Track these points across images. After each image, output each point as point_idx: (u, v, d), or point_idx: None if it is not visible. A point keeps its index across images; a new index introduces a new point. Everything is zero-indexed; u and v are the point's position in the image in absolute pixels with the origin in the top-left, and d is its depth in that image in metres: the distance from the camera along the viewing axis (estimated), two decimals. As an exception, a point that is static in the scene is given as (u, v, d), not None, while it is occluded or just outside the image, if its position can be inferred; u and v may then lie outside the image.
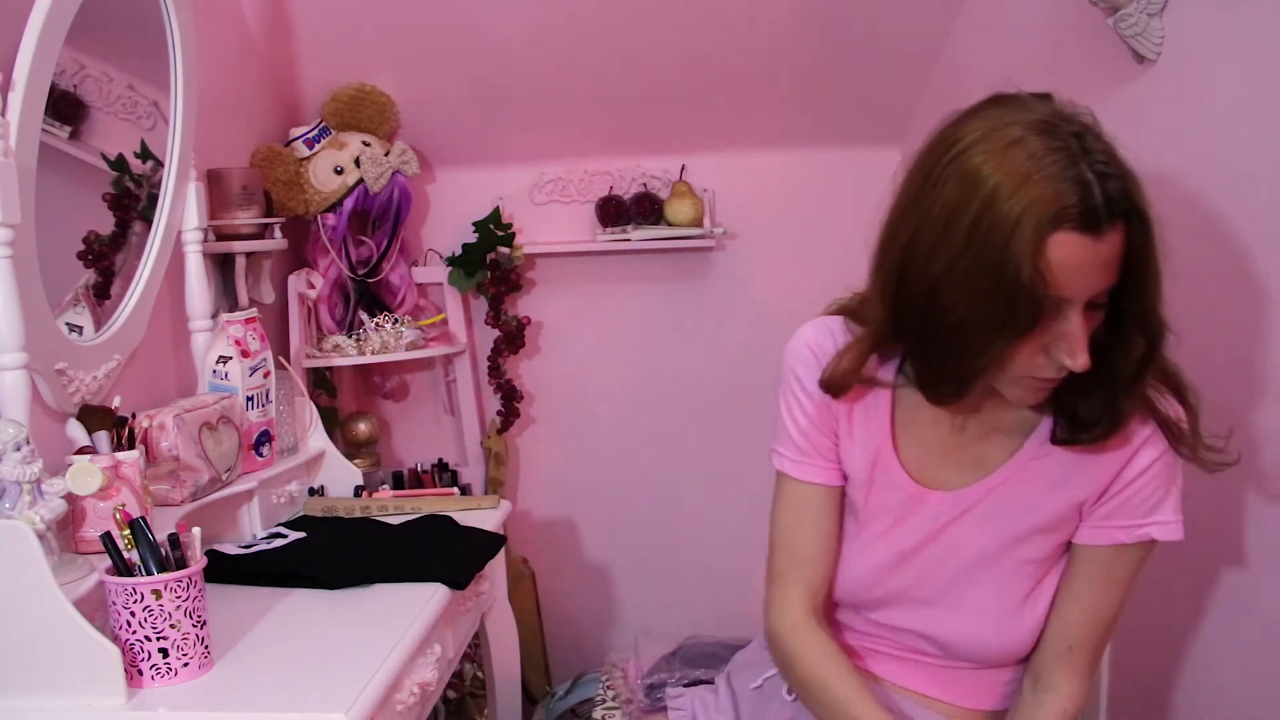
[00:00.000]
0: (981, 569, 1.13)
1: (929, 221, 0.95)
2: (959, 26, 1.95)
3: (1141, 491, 1.06)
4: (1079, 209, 0.89)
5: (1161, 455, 1.06)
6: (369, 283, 2.20)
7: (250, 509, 1.61)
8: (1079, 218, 0.89)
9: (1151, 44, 1.39)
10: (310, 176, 2.08)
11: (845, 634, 1.23)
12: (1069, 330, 0.93)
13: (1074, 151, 0.91)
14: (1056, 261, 0.89)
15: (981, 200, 0.91)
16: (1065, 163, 0.90)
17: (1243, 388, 1.32)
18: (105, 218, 1.50)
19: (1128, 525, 1.07)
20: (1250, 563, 1.34)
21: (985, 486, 1.12)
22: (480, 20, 1.97)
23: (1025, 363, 0.97)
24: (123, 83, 1.51)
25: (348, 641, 1.23)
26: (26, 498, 1.12)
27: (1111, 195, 0.90)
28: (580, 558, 2.48)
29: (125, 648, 1.09)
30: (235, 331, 1.63)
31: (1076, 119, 0.95)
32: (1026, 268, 0.89)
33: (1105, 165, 0.91)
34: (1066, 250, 0.89)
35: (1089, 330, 0.95)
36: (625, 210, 2.28)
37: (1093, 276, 0.92)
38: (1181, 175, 1.40)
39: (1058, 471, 1.09)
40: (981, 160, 0.92)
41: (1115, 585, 1.10)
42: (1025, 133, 0.92)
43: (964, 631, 1.13)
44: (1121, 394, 1.01)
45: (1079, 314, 0.93)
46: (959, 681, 1.18)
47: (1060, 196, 0.89)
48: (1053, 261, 0.89)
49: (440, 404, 2.45)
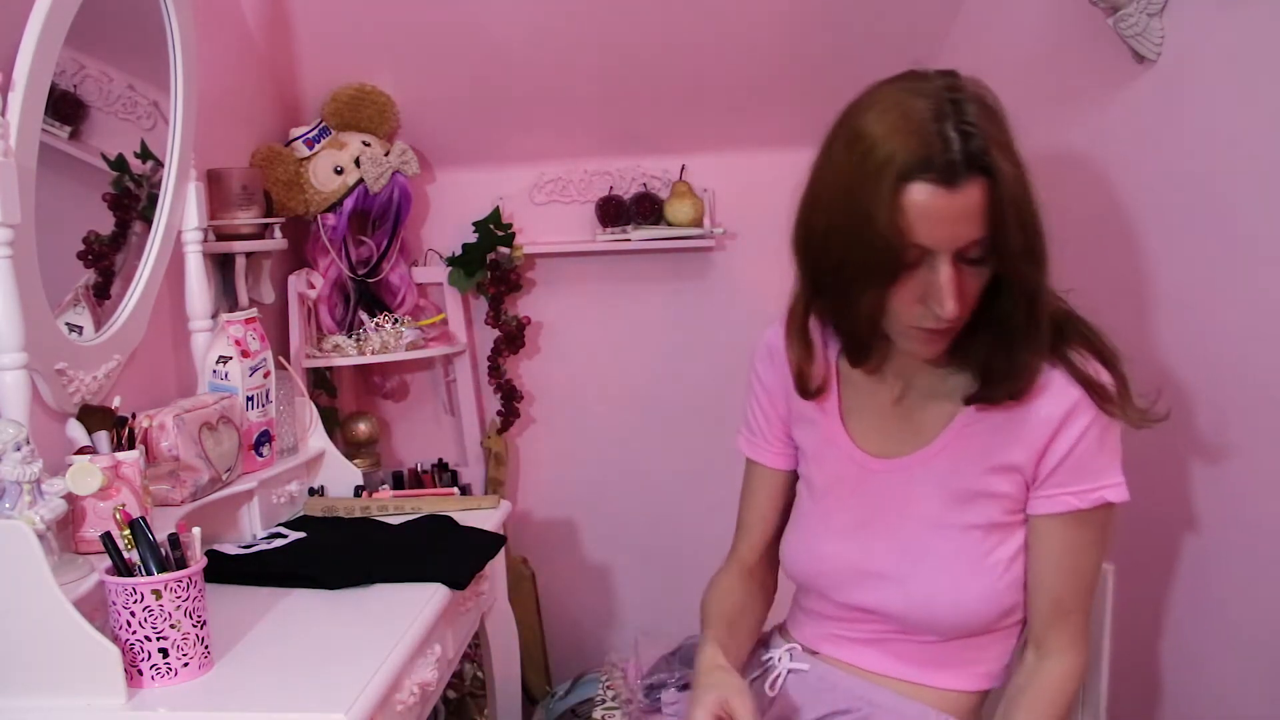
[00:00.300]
0: (930, 536, 1.16)
1: (823, 180, 1.06)
2: (959, 26, 1.95)
3: (1084, 456, 1.10)
4: (934, 161, 0.96)
5: (1094, 419, 1.10)
6: (369, 283, 2.20)
7: (250, 509, 1.61)
8: (933, 169, 0.96)
9: (1151, 44, 1.39)
10: (310, 176, 2.08)
11: (819, 623, 1.26)
12: (938, 280, 1.00)
13: (945, 113, 0.98)
14: (911, 209, 0.98)
15: (858, 154, 1.00)
16: (932, 120, 0.98)
17: (1248, 389, 1.32)
18: (105, 218, 1.50)
19: (1080, 491, 1.11)
20: (1253, 561, 1.34)
21: (925, 454, 1.17)
22: (480, 20, 1.97)
23: (906, 313, 1.05)
24: (123, 83, 1.52)
25: (348, 641, 1.23)
26: (26, 498, 1.12)
27: (970, 151, 0.97)
28: (580, 558, 2.48)
29: (125, 648, 1.09)
30: (235, 331, 1.64)
31: (964, 89, 1.01)
32: (884, 214, 0.98)
33: (971, 126, 0.98)
34: (920, 199, 0.97)
35: (977, 285, 1.03)
36: (625, 210, 2.28)
37: (953, 227, 0.98)
38: (1182, 175, 1.40)
39: (992, 437, 1.13)
40: (865, 120, 1.02)
41: (1086, 549, 1.13)
42: (909, 97, 1.00)
43: (919, 598, 1.15)
44: (1018, 349, 1.07)
45: (948, 265, 1.00)
46: (931, 660, 1.19)
47: (919, 149, 0.97)
48: (908, 209, 0.98)
49: (440, 404, 2.45)
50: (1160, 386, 1.17)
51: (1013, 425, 1.11)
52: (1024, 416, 1.11)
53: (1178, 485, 1.45)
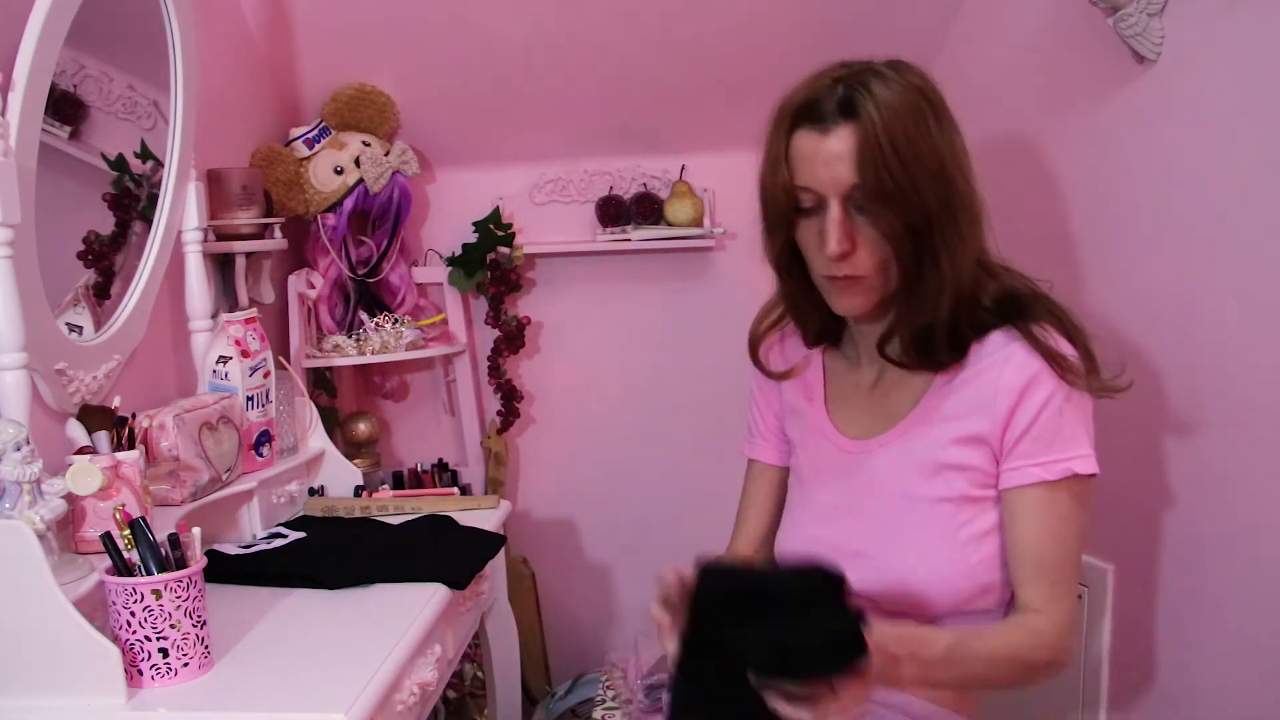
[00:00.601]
0: (902, 511, 1.18)
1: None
2: (959, 26, 1.95)
3: (1048, 427, 1.12)
4: (814, 109, 1.09)
5: (1056, 389, 1.12)
6: (369, 283, 2.20)
7: (250, 509, 1.61)
8: (811, 116, 1.09)
9: (1151, 44, 1.39)
10: (310, 176, 2.08)
11: None
12: (825, 223, 1.10)
13: (843, 76, 1.10)
14: (794, 153, 1.11)
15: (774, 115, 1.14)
16: (830, 81, 1.10)
17: (1248, 390, 1.32)
18: (105, 218, 1.50)
19: (1046, 462, 1.12)
20: (1252, 561, 1.34)
21: (896, 431, 1.21)
22: (480, 20, 1.97)
23: (817, 262, 1.14)
24: (123, 83, 1.52)
25: (348, 641, 1.23)
26: (26, 498, 1.12)
27: (843, 99, 1.07)
28: (580, 558, 2.48)
29: (125, 648, 1.09)
30: (235, 331, 1.64)
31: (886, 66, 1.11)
32: (775, 159, 1.12)
33: (857, 85, 1.08)
34: (801, 143, 1.10)
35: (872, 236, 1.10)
36: (625, 210, 2.28)
37: (829, 170, 1.08)
38: (1181, 175, 1.40)
39: (956, 409, 1.16)
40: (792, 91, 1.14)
41: (1061, 520, 1.12)
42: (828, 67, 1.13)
43: (893, 574, 1.16)
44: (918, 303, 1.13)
45: (836, 207, 1.09)
46: None
47: (806, 99, 1.10)
48: (792, 153, 1.11)
49: (440, 404, 2.45)
50: (1124, 360, 1.21)
51: (977, 397, 1.15)
52: (987, 388, 1.14)
53: (1178, 485, 1.45)
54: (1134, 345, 1.46)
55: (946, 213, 1.09)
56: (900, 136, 1.06)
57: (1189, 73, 1.36)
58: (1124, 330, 1.51)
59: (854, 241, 1.10)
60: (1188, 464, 1.42)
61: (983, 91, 1.89)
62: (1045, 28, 1.67)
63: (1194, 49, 1.35)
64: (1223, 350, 1.34)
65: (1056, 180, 1.68)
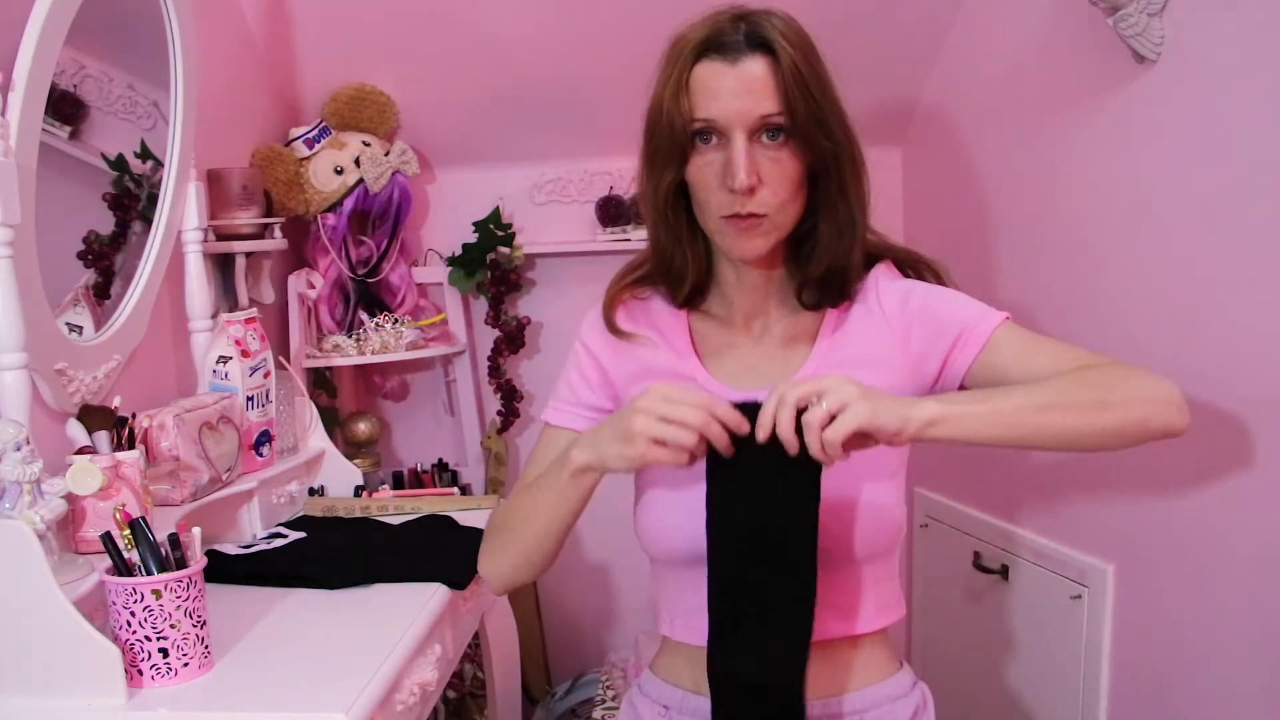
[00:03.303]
0: None
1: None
2: (959, 26, 1.95)
3: (946, 310, 1.11)
4: (718, 41, 1.06)
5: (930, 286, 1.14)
6: (369, 283, 2.20)
7: (250, 509, 1.61)
8: (716, 47, 1.06)
9: (1151, 44, 1.39)
10: (310, 176, 2.08)
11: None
12: (731, 154, 1.05)
13: (738, 14, 1.08)
14: (696, 84, 1.07)
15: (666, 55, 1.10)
16: (728, 18, 1.08)
17: (1249, 390, 1.32)
18: (105, 218, 1.50)
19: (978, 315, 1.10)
20: (1252, 561, 1.34)
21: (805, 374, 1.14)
22: (480, 20, 1.97)
23: (715, 201, 1.08)
24: (123, 83, 1.52)
25: (348, 641, 1.23)
26: (26, 498, 1.13)
27: (751, 32, 1.05)
28: (580, 558, 2.48)
29: (125, 648, 1.10)
30: (235, 331, 1.64)
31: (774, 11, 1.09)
32: (672, 92, 1.07)
33: (756, 18, 1.07)
34: (704, 73, 1.06)
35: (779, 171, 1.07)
36: (625, 210, 2.28)
37: (738, 101, 1.05)
38: (1181, 175, 1.40)
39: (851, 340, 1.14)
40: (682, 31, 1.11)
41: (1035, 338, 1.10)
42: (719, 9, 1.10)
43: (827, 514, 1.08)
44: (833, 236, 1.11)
45: (742, 139, 1.05)
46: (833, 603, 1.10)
47: (708, 33, 1.07)
48: (692, 86, 1.07)
49: (440, 404, 2.45)
50: None
51: (867, 327, 1.14)
52: (872, 317, 1.14)
53: (1178, 485, 1.45)
54: (1134, 344, 1.46)
55: (848, 153, 1.10)
56: (811, 70, 1.06)
57: (1189, 73, 1.37)
58: (1124, 329, 1.51)
59: (759, 177, 1.06)
60: (1188, 464, 1.42)
61: (983, 91, 1.89)
62: (1045, 28, 1.67)
63: (1194, 49, 1.35)
64: (1223, 349, 1.34)
65: (1056, 180, 1.68)
